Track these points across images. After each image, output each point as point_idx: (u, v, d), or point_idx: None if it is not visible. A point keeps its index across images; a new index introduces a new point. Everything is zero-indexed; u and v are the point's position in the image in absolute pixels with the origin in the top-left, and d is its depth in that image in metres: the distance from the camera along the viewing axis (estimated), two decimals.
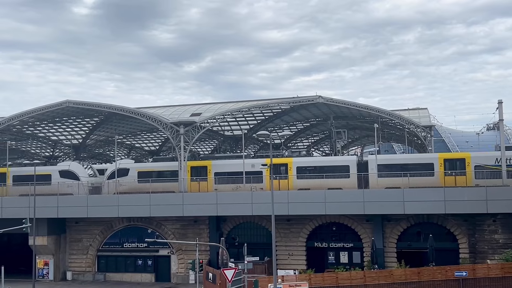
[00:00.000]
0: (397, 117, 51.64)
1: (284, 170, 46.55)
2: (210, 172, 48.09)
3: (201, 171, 48.57)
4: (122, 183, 49.52)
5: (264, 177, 46.18)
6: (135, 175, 49.98)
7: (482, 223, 42.09)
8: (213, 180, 47.44)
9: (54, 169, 52.73)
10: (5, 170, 53.86)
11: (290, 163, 46.62)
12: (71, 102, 52.81)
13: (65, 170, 52.22)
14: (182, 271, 48.72)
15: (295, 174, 46.09)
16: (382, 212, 43.22)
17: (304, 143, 79.61)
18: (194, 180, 48.02)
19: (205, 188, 47.44)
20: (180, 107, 57.25)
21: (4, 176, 53.51)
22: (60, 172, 51.95)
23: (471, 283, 37.20)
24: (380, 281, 37.58)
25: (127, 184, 49.49)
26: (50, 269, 50.94)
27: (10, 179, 53.28)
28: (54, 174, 52.02)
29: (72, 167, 52.82)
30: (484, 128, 74.07)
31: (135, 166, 51.51)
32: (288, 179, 46.07)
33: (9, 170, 53.62)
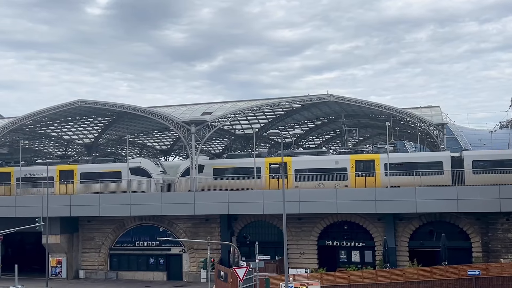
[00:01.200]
0: (409, 115, 51.33)
1: (371, 166, 45.21)
2: (290, 169, 46.72)
3: None
4: (197, 180, 47.93)
5: (349, 174, 45.20)
6: (211, 172, 48.77)
7: (495, 222, 41.73)
8: (294, 177, 46.25)
9: (124, 166, 51.40)
10: (73, 168, 53.25)
11: (378, 159, 45.28)
12: (83, 101, 53.14)
13: (136, 167, 50.84)
14: (194, 269, 48.87)
15: (382, 170, 44.66)
16: (394, 210, 43.04)
17: (315, 142, 79.45)
18: (273, 177, 46.78)
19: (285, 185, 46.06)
20: (191, 106, 57.36)
21: (71, 173, 52.76)
22: (130, 169, 50.52)
23: (484, 282, 36.89)
24: (392, 280, 37.39)
25: (202, 181, 48.22)
26: (63, 268, 51.31)
27: (78, 176, 52.41)
28: (124, 171, 50.69)
29: (143, 164, 51.71)
30: (497, 126, 73.44)
31: (210, 163, 50.20)
32: (376, 176, 44.83)
33: (77, 167, 53.07)
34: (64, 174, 52.77)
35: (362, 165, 45.30)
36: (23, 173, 53.45)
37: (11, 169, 54.80)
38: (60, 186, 52.18)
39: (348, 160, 45.72)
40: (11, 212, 49.39)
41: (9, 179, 54.23)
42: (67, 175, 52.63)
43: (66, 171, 52.91)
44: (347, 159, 45.55)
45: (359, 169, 45.21)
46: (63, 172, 52.88)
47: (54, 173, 52.31)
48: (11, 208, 49.55)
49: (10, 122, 55.37)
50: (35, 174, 53.39)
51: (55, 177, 52.32)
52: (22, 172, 53.45)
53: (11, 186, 53.40)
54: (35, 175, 53.31)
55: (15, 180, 53.74)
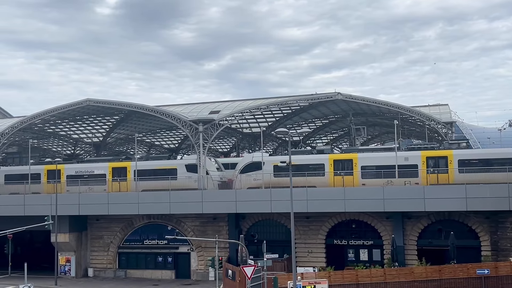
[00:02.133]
0: (417, 113, 51.13)
1: (443, 163, 43.73)
2: (356, 166, 45.54)
3: (346, 164, 45.87)
4: (256, 177, 47.04)
5: (420, 171, 43.59)
6: (271, 169, 46.85)
7: (505, 221, 41.48)
8: (360, 175, 45.02)
9: (180, 163, 50.59)
10: (127, 165, 51.65)
11: (451, 156, 43.60)
12: (92, 100, 53.36)
13: (192, 163, 49.51)
14: (202, 268, 48.96)
15: (456, 167, 43.07)
16: (402, 209, 42.89)
17: (323, 140, 79.33)
18: (337, 174, 45.50)
19: (350, 183, 44.87)
20: (198, 104, 57.45)
21: (124, 170, 51.43)
22: (186, 166, 49.39)
23: (493, 281, 36.70)
24: (401, 279, 37.26)
25: (261, 179, 46.75)
26: (72, 266, 51.54)
27: (131, 173, 50.91)
28: (180, 168, 49.52)
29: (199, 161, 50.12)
30: (506, 124, 73.00)
31: (270, 160, 48.29)
32: (449, 173, 43.20)
33: (131, 164, 51.30)
34: (116, 172, 51.59)
35: (433, 161, 43.83)
36: (74, 171, 52.74)
37: (61, 167, 53.39)
38: (113, 183, 51.12)
39: (419, 157, 44.21)
40: (20, 210, 49.67)
41: (59, 176, 52.59)
42: (120, 172, 51.41)
43: (119, 168, 51.67)
44: (418, 156, 44.15)
45: (430, 166, 43.75)
46: (116, 169, 51.71)
47: (106, 171, 51.59)
48: (20, 207, 49.82)
49: (19, 121, 55.69)
50: (86, 171, 52.31)
51: (107, 174, 51.50)
52: (73, 170, 52.82)
53: (62, 183, 52.21)
54: (86, 172, 52.24)
55: (65, 178, 52.72)
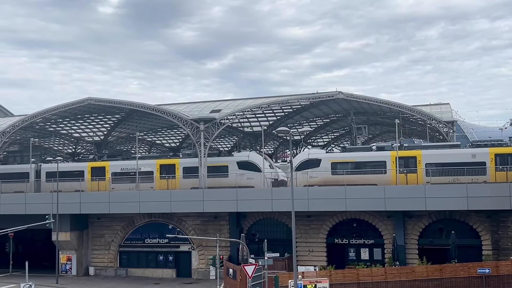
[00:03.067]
0: (418, 112, 51.09)
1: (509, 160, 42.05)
2: (420, 163, 44.13)
3: (409, 161, 44.60)
4: (313, 174, 45.97)
5: (488, 169, 42.15)
6: (328, 166, 46.11)
7: (506, 220, 41.46)
8: (424, 172, 43.56)
9: (231, 160, 49.29)
10: (175, 162, 50.80)
11: None
12: (93, 99, 53.36)
13: (244, 161, 48.46)
14: (203, 266, 48.98)
15: None
16: (403, 208, 42.85)
17: (324, 139, 79.31)
18: (400, 172, 44.08)
19: (414, 181, 43.80)
20: (200, 103, 57.45)
21: (173, 167, 50.50)
22: (238, 163, 48.39)
23: (494, 280, 36.67)
24: (402, 278, 37.25)
25: (319, 176, 45.80)
26: (73, 265, 51.57)
27: (180, 171, 50.04)
28: (231, 165, 48.50)
29: (252, 158, 49.23)
30: (507, 123, 72.96)
31: (328, 156, 47.36)
32: None
33: (179, 161, 50.63)
34: (164, 169, 50.51)
35: (503, 159, 42.48)
36: (120, 168, 51.97)
37: (106, 163, 52.92)
38: (161, 181, 50.19)
39: (487, 154, 42.93)
40: (21, 209, 49.70)
41: (104, 174, 52.15)
42: (168, 169, 50.36)
43: (167, 165, 50.64)
44: (486, 153, 43.05)
45: (498, 164, 42.55)
46: (164, 167, 50.62)
47: (154, 168, 50.61)
48: (21, 205, 49.85)
49: (20, 120, 55.70)
50: (133, 168, 51.02)
51: (154, 171, 50.44)
52: (119, 167, 52.04)
53: (106, 181, 51.68)
54: (132, 169, 51.09)
55: (110, 175, 51.88)
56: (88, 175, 52.54)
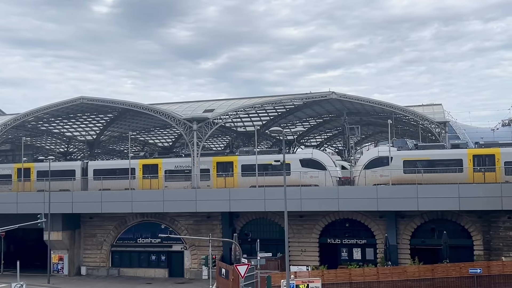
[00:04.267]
0: (411, 113, 51.25)
1: None
2: (499, 161, 42.41)
3: (487, 160, 42.81)
4: (384, 173, 44.20)
5: None
6: (400, 164, 44.32)
7: (497, 220, 41.71)
8: (503, 171, 41.79)
9: (294, 158, 47.31)
10: (233, 159, 49.01)
11: None
12: (85, 98, 53.15)
13: (307, 158, 46.53)
14: (195, 266, 48.93)
15: None
16: (395, 208, 42.99)
17: (317, 139, 79.41)
18: (477, 170, 42.44)
19: (492, 179, 42.01)
20: (193, 103, 57.38)
21: (230, 165, 48.74)
22: (301, 160, 46.58)
23: (485, 280, 36.90)
24: (394, 278, 37.40)
25: (390, 175, 43.94)
26: (65, 264, 51.39)
27: (238, 168, 48.27)
28: (294, 163, 46.47)
29: (316, 155, 47.32)
30: (499, 124, 73.35)
31: (400, 154, 45.18)
32: None
33: (238, 158, 48.65)
34: (221, 166, 48.85)
35: None
36: (173, 165, 50.28)
37: (159, 161, 51.32)
38: (218, 179, 48.61)
39: None
40: (13, 208, 49.41)
41: (156, 171, 50.39)
42: (225, 167, 48.75)
43: (224, 163, 48.94)
44: None
45: None
46: (220, 164, 48.94)
47: (210, 165, 48.85)
48: (13, 204, 49.55)
49: (12, 119, 55.39)
50: (188, 166, 49.36)
51: (211, 169, 48.75)
52: (172, 164, 50.34)
53: (159, 178, 50.07)
54: (187, 167, 49.50)
55: (163, 173, 50.07)
56: (140, 173, 50.63)
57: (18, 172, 54.63)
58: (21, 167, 54.37)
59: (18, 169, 54.72)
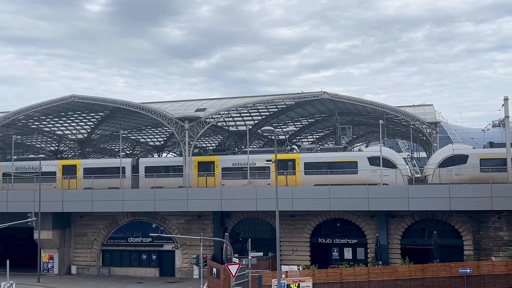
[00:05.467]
0: (402, 113, 51.47)
1: None
2: None
3: None
4: (459, 172, 42.84)
5: None
6: (477, 162, 42.80)
7: (487, 220, 41.97)
8: None
9: (361, 155, 46.23)
10: (295, 157, 47.55)
11: None
12: (76, 96, 52.89)
13: (376, 156, 44.93)
14: (187, 266, 48.86)
15: None
16: (386, 208, 43.14)
17: (308, 139, 79.52)
18: None
19: None
20: (185, 102, 57.30)
21: (292, 163, 47.06)
22: (369, 158, 45.13)
23: (475, 280, 37.09)
24: (384, 278, 37.51)
25: (466, 174, 42.48)
26: (55, 263, 51.10)
27: (301, 166, 46.64)
28: (361, 160, 45.20)
29: (386, 153, 45.58)
30: (489, 124, 73.92)
31: (477, 152, 43.79)
32: None
33: (300, 156, 47.17)
34: (282, 164, 46.82)
35: None
36: (231, 162, 48.63)
37: (216, 158, 49.56)
38: (279, 177, 45.75)
39: None
40: (3, 207, 49.08)
41: (212, 169, 48.85)
42: (287, 164, 46.93)
43: (286, 160, 47.15)
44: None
45: None
46: (280, 162, 46.57)
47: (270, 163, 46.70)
48: (2, 203, 49.22)
49: (2, 117, 55.03)
50: (245, 163, 47.80)
51: (271, 167, 46.11)
52: (230, 161, 48.77)
53: (215, 176, 48.56)
54: (245, 164, 47.83)
55: (220, 170, 48.58)
56: (195, 170, 49.01)
57: (63, 169, 52.94)
58: (67, 164, 52.88)
59: (63, 166, 53.06)
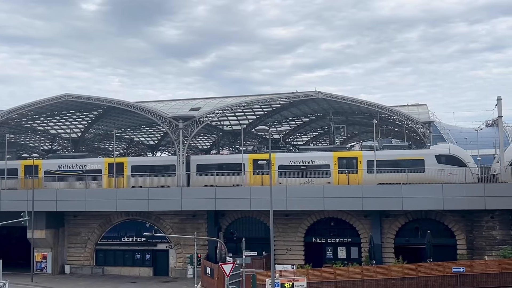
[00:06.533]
0: (396, 113, 51.57)
1: None
2: None
3: None
4: None
5: None
6: None
7: (480, 220, 42.13)
8: None
9: (428, 153, 44.38)
10: (357, 154, 46.36)
11: None
12: (70, 95, 52.69)
13: (444, 154, 43.63)
14: (181, 265, 48.79)
15: None
16: (380, 207, 43.23)
17: (303, 139, 79.59)
18: None
19: None
20: (179, 101, 57.17)
21: (354, 160, 45.87)
22: (437, 156, 43.64)
23: (468, 279, 37.28)
24: (378, 277, 37.63)
25: None
26: (48, 263, 50.90)
27: (363, 164, 45.32)
28: (428, 158, 43.65)
29: (454, 151, 44.31)
30: (483, 124, 74.23)
31: None
32: None
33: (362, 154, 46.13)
34: (343, 162, 46.04)
35: None
36: (288, 160, 46.98)
37: (272, 155, 47.12)
38: (340, 175, 45.70)
39: None
40: None
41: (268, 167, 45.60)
42: (348, 162, 45.99)
43: (347, 158, 46.13)
44: None
45: None
46: (342, 160, 46.16)
47: (330, 161, 45.80)
48: None
49: None
50: (305, 161, 46.36)
51: (331, 165, 45.71)
52: (287, 159, 47.09)
53: (272, 174, 45.06)
54: (304, 162, 46.35)
55: (276, 168, 46.75)
56: (249, 168, 47.56)
57: (109, 167, 51.27)
58: (113, 162, 51.05)
59: (110, 164, 51.31)
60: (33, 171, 51.08)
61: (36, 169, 51.91)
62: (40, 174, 51.89)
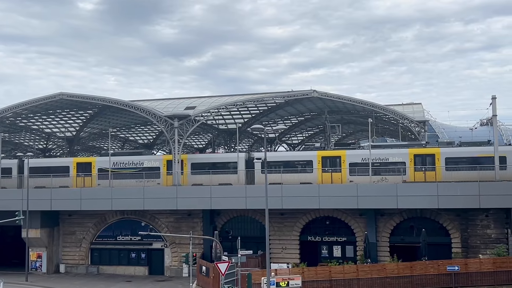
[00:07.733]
0: (391, 111, 51.70)
1: None
2: None
3: None
4: None
5: None
6: None
7: (475, 218, 42.29)
8: None
9: (509, 150, 43.17)
10: (435, 151, 44.43)
11: None
12: (65, 94, 52.52)
13: None
14: (176, 264, 48.75)
15: None
16: (375, 206, 43.30)
17: (298, 137, 79.65)
18: None
19: None
20: (175, 100, 57.07)
21: (432, 158, 44.05)
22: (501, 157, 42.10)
23: (463, 277, 37.41)
24: (373, 275, 37.72)
25: None
26: (43, 262, 50.79)
27: (441, 161, 43.41)
28: (511, 155, 42.34)
29: None
30: (477, 123, 74.29)
31: None
32: None
33: (441, 151, 44.00)
34: (419, 159, 44.32)
35: None
36: (360, 158, 45.34)
37: (342, 152, 46.34)
38: (416, 173, 44.14)
39: None
40: None
41: (338, 164, 45.57)
42: (424, 160, 44.30)
43: (422, 155, 44.34)
44: None
45: None
46: (418, 157, 44.42)
47: (406, 158, 44.38)
48: None
49: None
50: (380, 159, 44.75)
51: (407, 162, 44.13)
52: (359, 157, 45.51)
53: (342, 172, 45.22)
54: (376, 160, 44.67)
55: (347, 165, 45.37)
56: (318, 165, 46.07)
57: (167, 164, 49.59)
58: (171, 159, 48.95)
59: (168, 161, 49.54)
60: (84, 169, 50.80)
61: (89, 166, 51.42)
62: (93, 171, 51.15)
